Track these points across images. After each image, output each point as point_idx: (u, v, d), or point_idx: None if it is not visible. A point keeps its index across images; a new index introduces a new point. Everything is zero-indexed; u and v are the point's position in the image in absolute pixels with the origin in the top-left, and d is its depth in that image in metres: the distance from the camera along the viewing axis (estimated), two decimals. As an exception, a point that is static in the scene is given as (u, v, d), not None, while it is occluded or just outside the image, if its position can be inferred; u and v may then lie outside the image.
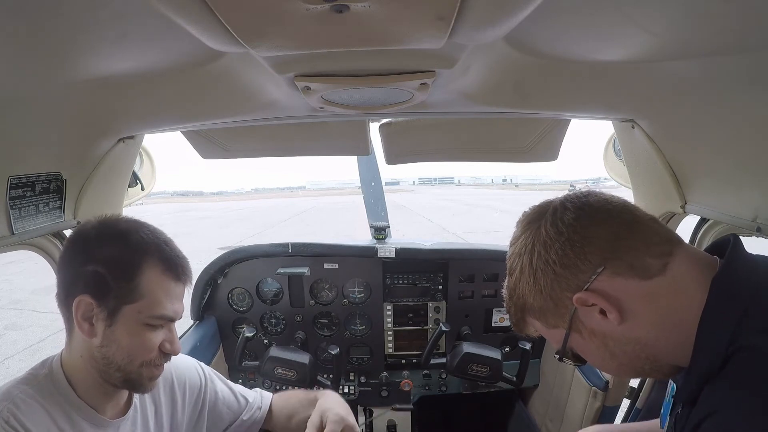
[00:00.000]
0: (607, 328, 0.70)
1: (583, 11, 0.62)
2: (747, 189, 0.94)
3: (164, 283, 0.89)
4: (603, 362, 0.75)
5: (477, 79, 0.93)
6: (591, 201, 0.73)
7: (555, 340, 0.77)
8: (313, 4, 0.49)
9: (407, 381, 2.08)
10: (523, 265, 0.74)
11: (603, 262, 0.67)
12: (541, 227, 0.73)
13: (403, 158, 1.67)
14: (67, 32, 0.60)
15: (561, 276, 0.70)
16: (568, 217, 0.71)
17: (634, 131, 1.21)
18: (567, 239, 0.69)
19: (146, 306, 0.87)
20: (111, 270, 0.86)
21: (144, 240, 0.89)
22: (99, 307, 0.85)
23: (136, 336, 0.88)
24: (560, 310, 0.72)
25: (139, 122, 1.20)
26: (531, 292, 0.73)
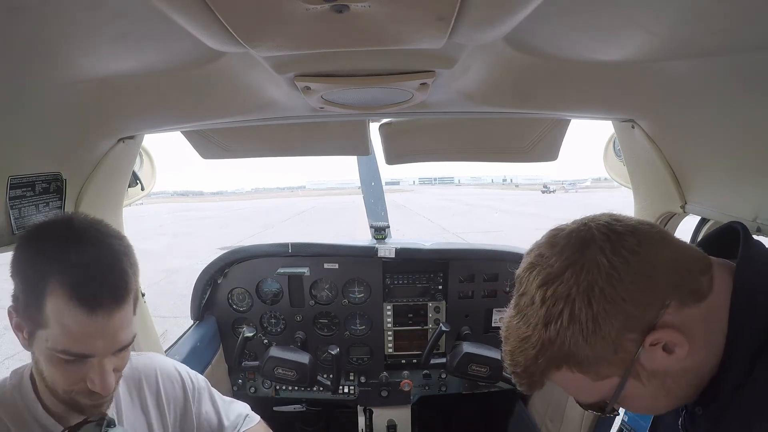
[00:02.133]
0: (669, 365, 0.60)
1: (583, 11, 0.62)
2: (747, 189, 0.94)
3: (69, 313, 0.71)
4: (655, 404, 0.66)
5: (477, 79, 0.93)
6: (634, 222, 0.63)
7: (594, 393, 0.66)
8: (313, 4, 0.49)
9: (407, 381, 2.08)
10: (575, 310, 0.59)
11: (672, 292, 0.59)
12: (598, 257, 0.59)
13: (403, 158, 1.67)
14: (67, 32, 0.60)
15: (630, 315, 0.58)
16: (630, 242, 0.60)
17: (634, 131, 1.21)
18: (637, 269, 0.58)
19: (52, 336, 0.73)
20: (23, 287, 0.75)
21: (52, 255, 0.73)
22: (22, 322, 0.77)
23: (51, 365, 0.75)
24: (620, 356, 0.60)
25: (139, 122, 1.20)
26: (587, 341, 0.59)
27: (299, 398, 2.20)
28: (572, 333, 0.59)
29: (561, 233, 0.65)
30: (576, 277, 0.59)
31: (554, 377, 0.65)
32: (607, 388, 0.64)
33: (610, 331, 0.58)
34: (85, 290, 0.72)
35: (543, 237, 0.67)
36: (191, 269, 8.37)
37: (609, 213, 0.66)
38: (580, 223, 0.65)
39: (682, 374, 0.62)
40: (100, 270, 0.75)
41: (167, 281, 9.21)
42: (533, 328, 0.62)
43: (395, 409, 2.14)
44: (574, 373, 0.63)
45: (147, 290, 1.55)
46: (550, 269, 0.62)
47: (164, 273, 9.90)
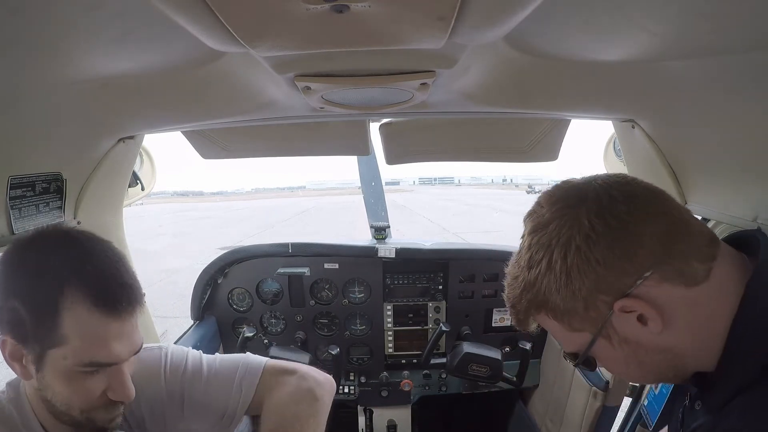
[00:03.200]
0: (643, 337, 0.62)
1: (583, 11, 0.62)
2: (747, 189, 0.94)
3: (93, 321, 0.70)
4: (627, 370, 0.68)
5: (477, 79, 0.93)
6: (639, 190, 0.63)
7: (570, 342, 0.69)
8: (313, 4, 0.49)
9: (407, 381, 2.08)
10: (552, 259, 0.62)
11: (652, 266, 0.59)
12: (581, 217, 0.61)
13: (403, 158, 1.67)
14: (67, 32, 0.60)
15: (602, 278, 0.60)
16: (619, 209, 0.60)
17: (634, 131, 1.21)
18: (617, 236, 0.59)
19: (72, 352, 0.70)
20: (28, 307, 0.69)
21: (62, 266, 0.70)
22: (25, 350, 0.71)
23: (68, 384, 0.72)
24: (591, 314, 0.63)
25: (139, 122, 1.20)
26: (558, 291, 0.63)
27: None
28: (548, 281, 0.63)
29: (564, 186, 0.67)
30: (558, 230, 0.62)
31: (537, 319, 0.70)
32: (580, 342, 0.67)
33: (581, 288, 0.61)
34: (107, 296, 0.71)
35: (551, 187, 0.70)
36: (191, 269, 8.37)
37: (623, 176, 0.66)
38: (587, 180, 0.66)
39: (658, 351, 0.63)
40: (115, 274, 0.74)
41: (167, 281, 9.21)
42: (520, 269, 0.68)
43: (395, 409, 2.14)
44: (551, 319, 0.67)
45: (147, 290, 1.55)
46: (541, 218, 0.65)
47: (164, 273, 9.90)
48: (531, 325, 0.72)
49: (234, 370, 1.01)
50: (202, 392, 0.98)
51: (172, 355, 1.00)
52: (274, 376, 1.02)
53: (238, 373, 1.01)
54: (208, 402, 0.98)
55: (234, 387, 0.99)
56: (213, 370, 1.00)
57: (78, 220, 1.22)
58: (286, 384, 1.00)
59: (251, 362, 1.03)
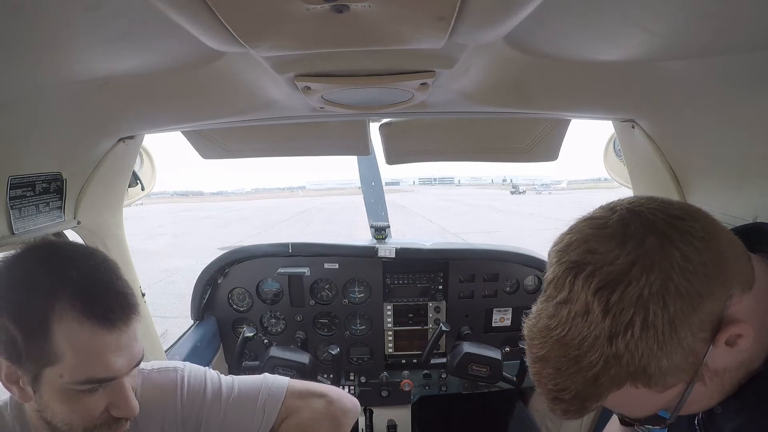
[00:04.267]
0: (730, 361, 0.55)
1: (583, 11, 0.62)
2: (747, 189, 0.94)
3: (86, 334, 0.66)
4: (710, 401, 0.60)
5: (477, 79, 0.93)
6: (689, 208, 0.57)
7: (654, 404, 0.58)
8: (313, 4, 0.49)
9: (407, 381, 2.08)
10: (651, 314, 0.49)
11: (734, 282, 0.53)
12: (667, 249, 0.50)
13: (403, 158, 1.67)
14: (67, 32, 0.60)
15: (705, 312, 0.51)
16: (696, 228, 0.52)
17: (634, 131, 1.21)
18: (708, 260, 0.51)
19: (68, 369, 0.66)
20: (18, 326, 0.65)
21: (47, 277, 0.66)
22: (20, 370, 0.68)
23: (67, 403, 0.69)
24: (689, 360, 0.53)
25: (139, 122, 1.20)
26: (662, 349, 0.51)
27: None
28: (645, 343, 0.50)
29: (608, 222, 0.55)
30: (647, 276, 0.50)
31: (612, 396, 0.56)
32: (671, 398, 0.56)
33: (687, 333, 0.51)
34: (97, 305, 0.67)
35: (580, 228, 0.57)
36: (191, 269, 8.37)
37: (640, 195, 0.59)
38: (625, 209, 0.56)
39: (738, 367, 0.56)
40: (105, 281, 0.70)
41: (167, 281, 9.21)
42: (591, 344, 0.52)
43: (395, 409, 2.14)
44: (639, 388, 0.54)
45: (147, 290, 1.55)
46: (611, 267, 0.51)
47: (164, 273, 9.91)
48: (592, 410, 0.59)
49: (256, 393, 0.97)
50: (221, 419, 0.94)
51: (189, 378, 0.96)
52: (298, 399, 0.99)
53: (260, 397, 0.97)
54: (226, 428, 0.94)
55: (256, 412, 0.95)
56: (233, 395, 0.96)
57: (78, 220, 1.22)
58: (310, 408, 0.98)
59: (273, 385, 0.99)
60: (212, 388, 0.96)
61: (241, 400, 0.96)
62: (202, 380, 0.97)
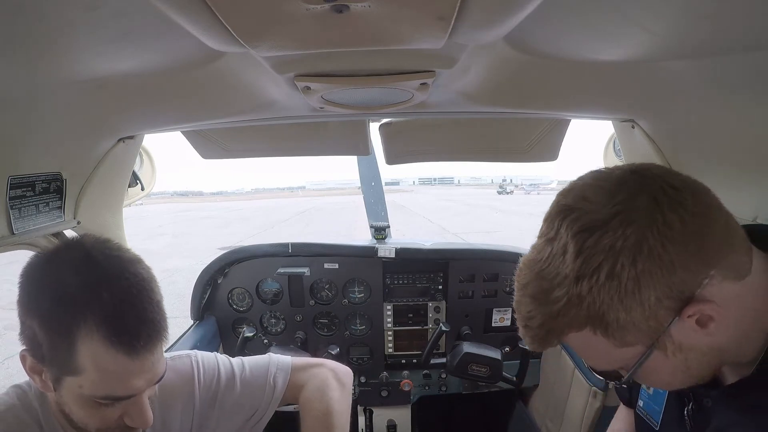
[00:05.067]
0: (697, 341, 0.57)
1: (583, 11, 0.62)
2: (747, 189, 0.94)
3: (109, 358, 0.66)
4: (671, 379, 0.62)
5: (477, 79, 0.93)
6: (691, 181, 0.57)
7: (613, 360, 0.61)
8: (313, 4, 0.49)
9: (407, 381, 2.08)
10: (618, 265, 0.52)
11: (717, 263, 0.53)
12: (653, 211, 0.52)
13: (403, 158, 1.67)
14: (67, 31, 0.60)
15: (675, 282, 0.52)
16: (688, 201, 0.53)
17: (634, 131, 1.21)
18: (691, 231, 0.52)
19: (88, 383, 0.67)
20: (45, 331, 0.67)
21: (79, 293, 0.65)
22: (43, 368, 0.70)
23: (84, 409, 0.71)
24: (650, 323, 0.55)
25: (139, 122, 1.20)
26: (622, 302, 0.53)
27: None
28: (607, 292, 0.53)
29: (610, 176, 0.58)
30: (624, 229, 0.52)
31: (571, 338, 0.59)
32: (629, 357, 0.58)
33: (650, 295, 0.52)
34: (124, 332, 0.66)
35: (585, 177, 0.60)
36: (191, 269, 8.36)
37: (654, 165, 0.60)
38: (629, 169, 0.58)
39: (707, 351, 0.58)
40: (135, 306, 0.69)
41: (167, 281, 9.21)
42: (561, 281, 0.55)
43: (395, 409, 2.14)
44: (597, 335, 0.57)
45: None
46: (595, 215, 0.54)
47: (164, 273, 9.90)
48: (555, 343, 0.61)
49: (265, 369, 1.06)
50: (238, 393, 1.01)
51: (202, 361, 1.02)
52: (302, 371, 1.08)
53: (269, 371, 1.05)
54: (241, 403, 1.01)
55: (267, 384, 1.03)
56: (245, 372, 1.04)
57: (78, 220, 1.22)
58: (317, 376, 1.07)
59: (280, 360, 1.09)
60: (225, 368, 1.02)
61: (254, 375, 1.04)
62: (214, 362, 1.03)
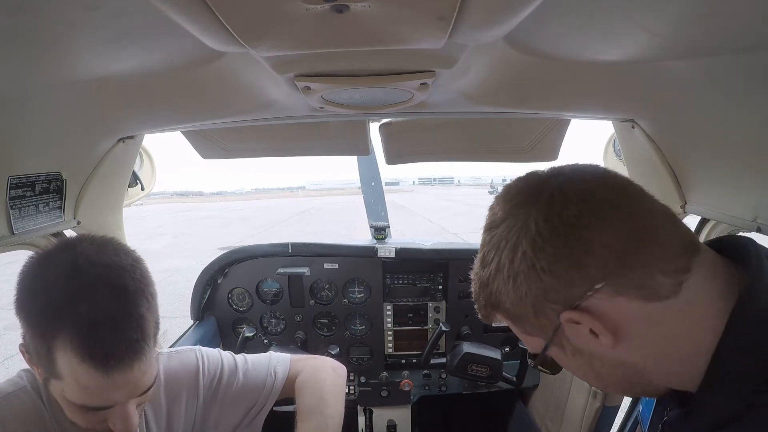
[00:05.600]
0: (596, 349, 0.58)
1: (583, 11, 0.62)
2: (747, 189, 0.94)
3: (82, 372, 0.65)
4: (587, 378, 0.64)
5: (477, 79, 0.93)
6: (598, 190, 0.57)
7: (529, 344, 0.65)
8: (313, 4, 0.49)
9: (407, 381, 2.08)
10: (501, 261, 0.58)
11: (604, 278, 0.53)
12: (530, 219, 0.56)
13: (403, 158, 1.67)
14: (66, 32, 0.60)
15: (549, 286, 0.55)
16: (568, 213, 0.54)
17: (634, 131, 1.21)
18: (564, 243, 0.54)
19: (68, 390, 0.67)
20: (31, 335, 0.68)
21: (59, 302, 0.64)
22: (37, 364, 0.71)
23: (70, 410, 0.71)
24: (541, 320, 0.59)
25: (139, 122, 1.20)
26: (508, 295, 0.59)
27: None
28: (498, 283, 0.60)
29: (523, 181, 0.62)
30: (507, 232, 0.58)
31: (498, 317, 0.65)
32: (536, 345, 0.63)
33: (527, 294, 0.57)
34: (97, 349, 0.64)
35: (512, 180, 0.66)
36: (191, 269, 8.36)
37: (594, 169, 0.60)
38: (550, 173, 0.61)
39: (616, 365, 0.58)
40: (114, 323, 0.66)
41: (168, 281, 9.21)
42: (479, 267, 0.64)
43: (395, 409, 2.14)
44: (507, 319, 0.63)
45: (147, 290, 1.55)
46: (494, 217, 0.62)
47: (164, 273, 9.90)
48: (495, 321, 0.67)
49: (266, 361, 1.12)
50: (240, 386, 1.05)
51: (206, 355, 1.07)
52: (300, 362, 1.15)
53: (270, 363, 1.11)
54: (242, 395, 1.06)
55: (269, 375, 1.09)
56: (247, 365, 1.09)
57: (78, 220, 1.22)
58: (312, 365, 1.15)
59: (280, 355, 1.16)
60: (227, 362, 1.08)
61: (255, 367, 1.09)
62: (217, 356, 1.08)
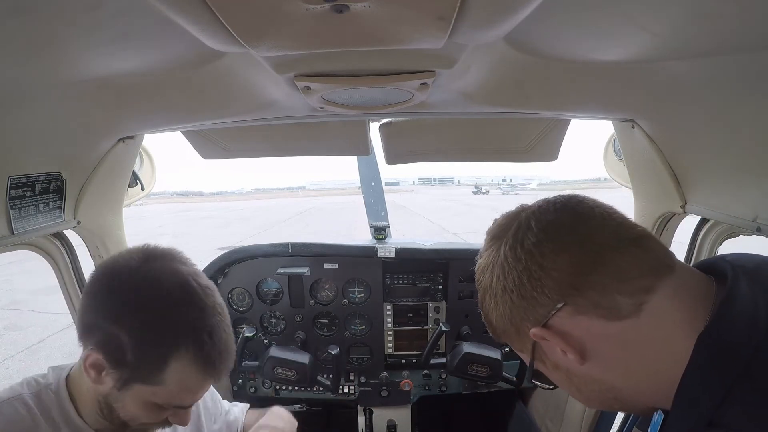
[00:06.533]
0: (570, 365, 0.62)
1: (583, 11, 0.62)
2: (747, 189, 0.94)
3: (192, 379, 0.79)
4: (570, 393, 0.69)
5: (477, 79, 0.93)
6: (560, 219, 0.63)
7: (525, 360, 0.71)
8: (313, 4, 0.49)
9: (407, 381, 2.08)
10: (485, 283, 0.67)
11: (563, 298, 0.59)
12: (501, 248, 0.65)
13: (403, 158, 1.67)
14: (66, 32, 0.60)
15: (519, 306, 0.62)
16: (528, 242, 0.61)
17: (634, 131, 1.21)
18: (524, 268, 0.61)
19: (164, 394, 0.79)
20: (136, 343, 0.75)
21: (186, 324, 0.77)
22: (111, 369, 0.77)
23: (142, 409, 0.81)
24: (522, 338, 0.65)
25: (139, 122, 1.20)
26: (493, 313, 0.67)
27: (299, 398, 2.20)
28: (487, 302, 0.68)
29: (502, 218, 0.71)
30: (487, 257, 0.67)
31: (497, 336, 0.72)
32: (526, 359, 0.69)
33: (505, 313, 0.64)
34: (211, 361, 0.79)
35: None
36: (191, 269, 8.31)
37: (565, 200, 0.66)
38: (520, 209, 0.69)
39: (590, 381, 0.63)
40: (223, 338, 0.82)
41: (167, 281, 9.20)
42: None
43: (395, 409, 2.14)
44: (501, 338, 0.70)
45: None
46: (484, 243, 0.71)
47: (164, 273, 9.89)
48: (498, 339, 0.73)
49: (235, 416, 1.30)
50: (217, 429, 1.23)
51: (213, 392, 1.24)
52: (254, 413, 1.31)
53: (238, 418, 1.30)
54: None
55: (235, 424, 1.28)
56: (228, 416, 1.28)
57: (78, 220, 1.22)
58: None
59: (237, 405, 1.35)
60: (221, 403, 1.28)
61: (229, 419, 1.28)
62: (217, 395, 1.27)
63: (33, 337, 6.53)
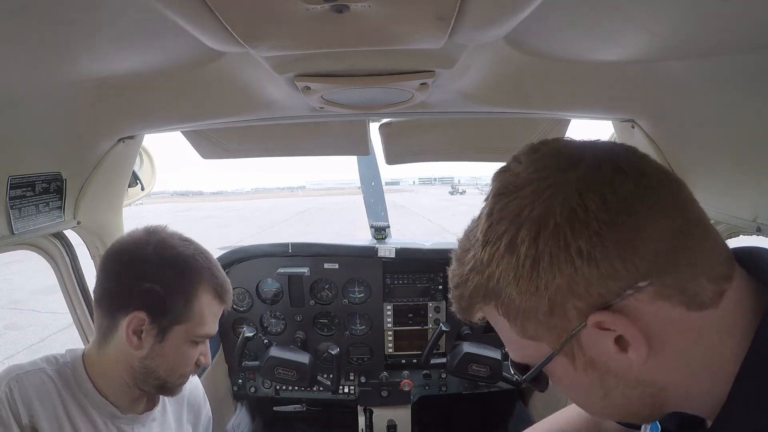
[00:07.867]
0: (616, 364, 0.47)
1: (583, 11, 0.62)
2: (747, 189, 0.94)
3: (212, 306, 0.98)
4: (587, 401, 0.53)
5: (477, 79, 0.93)
6: (652, 169, 0.47)
7: (520, 350, 0.53)
8: (313, 4, 0.49)
9: (407, 381, 2.08)
10: (518, 236, 0.44)
11: (651, 274, 0.42)
12: (570, 186, 0.43)
13: (403, 158, 1.67)
14: (66, 32, 0.60)
15: (581, 276, 0.43)
16: (625, 189, 0.43)
17: (634, 131, 1.21)
18: (614, 222, 0.42)
19: (195, 326, 0.95)
20: (170, 292, 0.91)
21: (201, 266, 0.96)
22: (151, 324, 0.90)
23: (180, 352, 0.95)
24: (555, 320, 0.46)
25: (139, 122, 1.20)
26: (517, 281, 0.45)
27: (299, 398, 2.20)
28: (506, 265, 0.45)
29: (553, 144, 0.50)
30: (534, 198, 0.44)
31: (484, 311, 0.52)
32: (533, 353, 0.50)
33: (548, 284, 0.44)
34: (223, 290, 0.98)
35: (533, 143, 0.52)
36: (191, 269, 8.32)
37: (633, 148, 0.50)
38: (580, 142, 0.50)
39: (635, 384, 0.47)
40: (222, 273, 1.01)
41: (167, 281, 9.21)
42: (473, 244, 0.50)
43: (395, 409, 2.14)
44: (500, 315, 0.49)
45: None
46: (514, 177, 0.47)
47: (164, 273, 9.90)
48: (475, 316, 0.53)
49: None
50: None
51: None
52: None
53: None
54: None
55: None
56: None
57: (78, 220, 1.22)
58: None
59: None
60: None
61: None
62: None
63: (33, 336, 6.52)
